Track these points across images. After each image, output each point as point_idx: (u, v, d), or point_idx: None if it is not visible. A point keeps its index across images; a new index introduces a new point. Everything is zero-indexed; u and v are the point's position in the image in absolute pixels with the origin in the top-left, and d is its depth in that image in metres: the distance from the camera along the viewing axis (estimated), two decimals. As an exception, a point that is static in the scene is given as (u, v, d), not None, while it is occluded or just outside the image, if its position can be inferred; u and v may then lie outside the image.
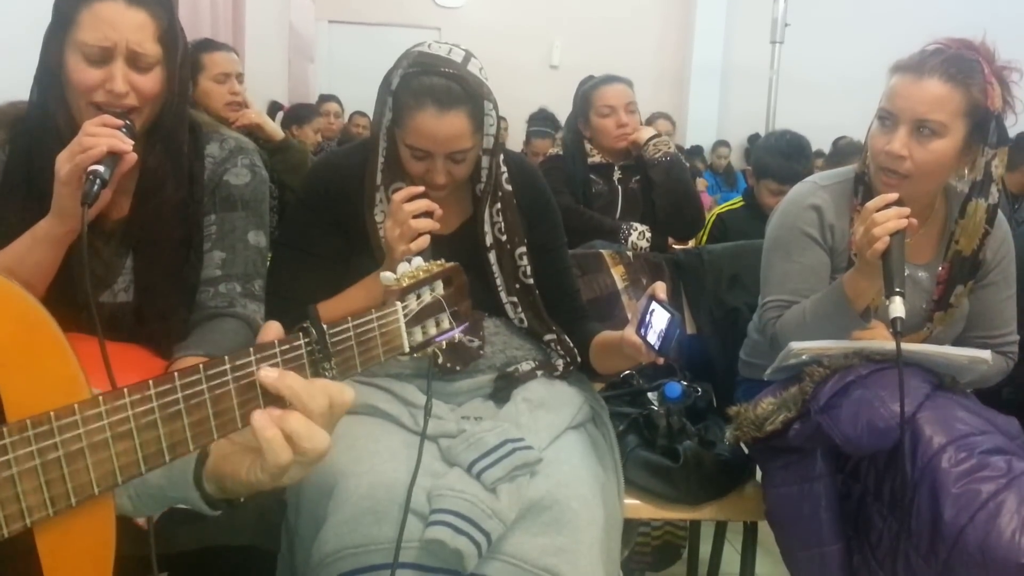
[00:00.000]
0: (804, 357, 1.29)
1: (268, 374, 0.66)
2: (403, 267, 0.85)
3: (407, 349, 0.80)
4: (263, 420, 0.66)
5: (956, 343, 1.42)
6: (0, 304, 0.58)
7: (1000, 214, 1.41)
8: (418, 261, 0.87)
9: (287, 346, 0.69)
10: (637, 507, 1.41)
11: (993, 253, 1.41)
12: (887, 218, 1.20)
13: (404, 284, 0.81)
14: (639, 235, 2.24)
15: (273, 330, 0.71)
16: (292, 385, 0.66)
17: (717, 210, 2.78)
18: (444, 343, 0.86)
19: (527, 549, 1.08)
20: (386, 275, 0.83)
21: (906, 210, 1.21)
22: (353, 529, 1.06)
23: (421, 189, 1.23)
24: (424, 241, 1.19)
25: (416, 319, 0.82)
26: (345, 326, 0.73)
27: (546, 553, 1.08)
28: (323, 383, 0.69)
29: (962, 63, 1.28)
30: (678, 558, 2.02)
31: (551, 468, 1.16)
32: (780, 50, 4.50)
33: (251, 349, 0.67)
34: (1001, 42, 1.33)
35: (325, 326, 0.71)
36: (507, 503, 1.09)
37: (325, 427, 0.68)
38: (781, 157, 2.46)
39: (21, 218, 1.11)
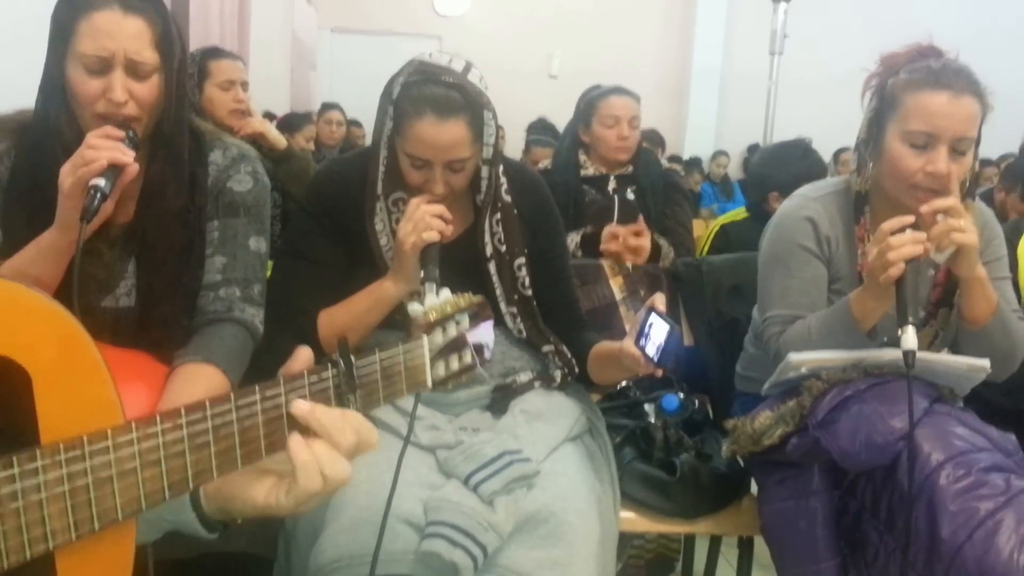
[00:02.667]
0: (803, 370, 1.29)
1: (301, 407, 0.67)
2: (431, 300, 0.85)
3: (430, 385, 0.80)
4: (299, 444, 0.66)
5: (952, 349, 1.42)
6: (47, 325, 0.59)
7: (984, 209, 1.44)
8: (446, 294, 0.86)
9: (315, 377, 0.69)
10: (633, 520, 1.41)
11: (984, 242, 1.40)
12: (903, 243, 1.17)
13: (432, 318, 0.80)
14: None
15: (303, 358, 0.71)
16: (321, 419, 0.67)
17: (721, 220, 2.78)
18: (464, 379, 0.85)
19: (523, 562, 1.07)
20: (415, 307, 0.83)
21: (922, 235, 1.19)
22: (351, 539, 1.06)
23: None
24: (433, 234, 1.21)
25: (441, 354, 0.81)
26: (372, 359, 0.73)
27: (542, 567, 1.07)
28: (354, 420, 0.69)
29: (972, 75, 1.29)
30: (671, 571, 2.01)
31: (548, 481, 1.16)
32: (779, 61, 4.51)
33: (281, 379, 0.67)
34: (998, 47, 1.34)
35: (353, 358, 0.71)
36: (504, 516, 1.09)
37: (348, 459, 0.69)
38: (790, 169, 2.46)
39: (27, 227, 1.11)
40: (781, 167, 2.50)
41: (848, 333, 1.28)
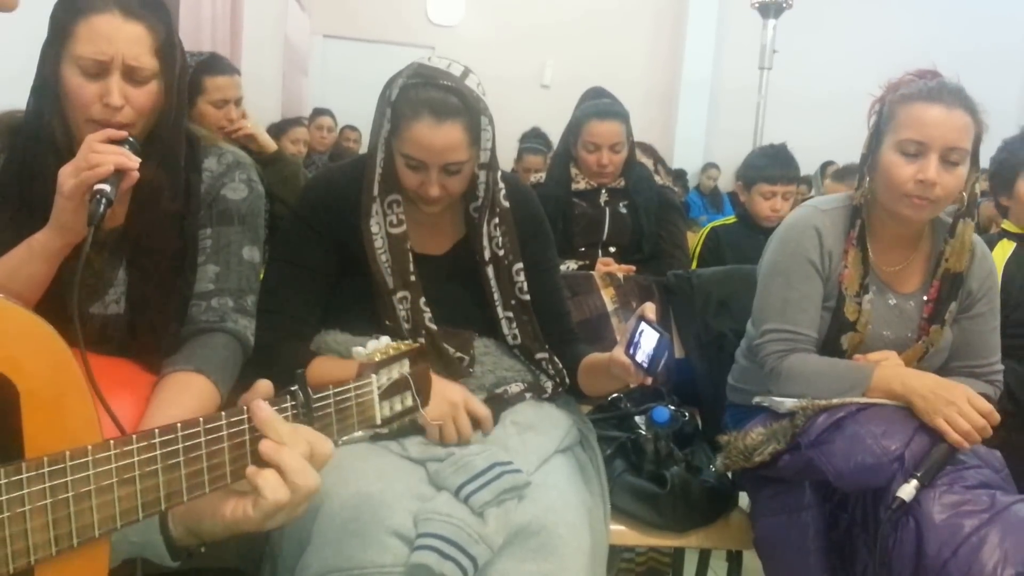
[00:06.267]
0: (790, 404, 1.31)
1: (260, 410, 0.71)
2: (373, 344, 0.91)
3: (379, 421, 0.86)
4: (256, 470, 0.70)
5: (940, 373, 1.44)
6: (36, 342, 0.61)
7: (985, 247, 1.45)
8: (386, 340, 0.92)
9: (275, 408, 0.73)
10: (623, 533, 1.41)
11: (979, 284, 1.44)
12: (978, 426, 1.19)
13: (376, 359, 0.87)
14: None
15: (263, 388, 0.75)
16: (277, 427, 0.71)
17: (711, 224, 2.78)
18: (407, 420, 0.92)
19: (514, 575, 1.07)
20: (357, 350, 0.89)
21: (988, 432, 1.22)
22: (337, 552, 1.05)
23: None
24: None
25: (386, 394, 0.87)
26: (326, 392, 0.78)
27: (533, 580, 1.07)
28: (306, 430, 0.73)
29: (966, 93, 1.34)
30: (662, 584, 2.01)
31: (539, 493, 1.16)
32: (768, 75, 4.58)
33: (243, 408, 0.71)
34: (987, 63, 1.38)
35: (310, 390, 0.76)
36: (494, 528, 1.08)
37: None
38: (766, 159, 2.50)
39: (15, 228, 1.10)
40: (757, 161, 2.52)
41: (854, 390, 1.30)
